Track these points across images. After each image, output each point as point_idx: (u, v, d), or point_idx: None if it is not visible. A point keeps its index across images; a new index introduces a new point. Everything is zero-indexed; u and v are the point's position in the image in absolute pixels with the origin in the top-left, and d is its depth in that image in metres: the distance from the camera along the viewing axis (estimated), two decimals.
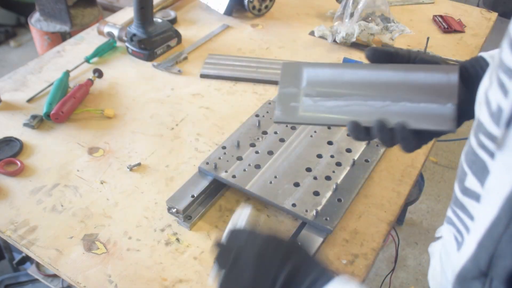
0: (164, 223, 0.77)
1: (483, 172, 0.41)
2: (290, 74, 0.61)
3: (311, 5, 1.43)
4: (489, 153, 0.40)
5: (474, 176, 0.42)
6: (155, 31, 1.14)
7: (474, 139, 0.42)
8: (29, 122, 0.95)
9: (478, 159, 0.41)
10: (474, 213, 0.43)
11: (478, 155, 0.41)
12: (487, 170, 0.40)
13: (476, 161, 0.42)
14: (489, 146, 0.39)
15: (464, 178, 0.44)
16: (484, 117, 0.40)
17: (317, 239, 0.73)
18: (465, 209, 0.45)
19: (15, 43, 2.95)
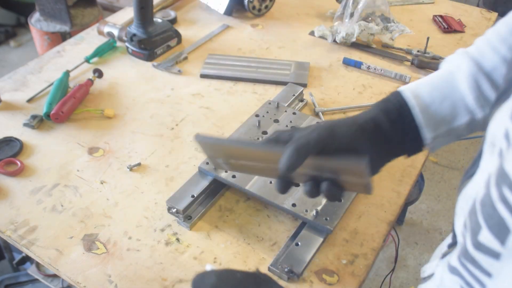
0: (164, 223, 0.77)
1: (502, 229, 0.35)
2: (207, 147, 0.66)
3: (311, 5, 1.43)
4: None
5: (490, 231, 0.37)
6: (155, 31, 1.14)
7: (496, 191, 0.36)
8: (29, 122, 0.95)
9: (496, 215, 0.36)
10: (492, 270, 0.39)
11: (497, 210, 0.36)
12: (507, 229, 0.35)
13: (494, 216, 0.36)
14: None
15: (477, 231, 0.39)
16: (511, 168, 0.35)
17: (317, 239, 0.73)
18: (479, 264, 0.40)
19: (15, 43, 2.95)
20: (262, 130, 0.90)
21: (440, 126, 0.59)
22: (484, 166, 0.45)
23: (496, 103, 0.43)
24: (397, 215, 0.81)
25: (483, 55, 0.58)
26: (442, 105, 0.58)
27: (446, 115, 0.58)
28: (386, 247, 1.83)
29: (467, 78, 0.58)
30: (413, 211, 1.99)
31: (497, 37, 0.57)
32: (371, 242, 0.75)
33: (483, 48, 0.58)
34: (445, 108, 0.58)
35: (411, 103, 0.58)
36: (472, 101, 0.57)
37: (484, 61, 0.57)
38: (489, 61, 0.57)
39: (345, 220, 0.78)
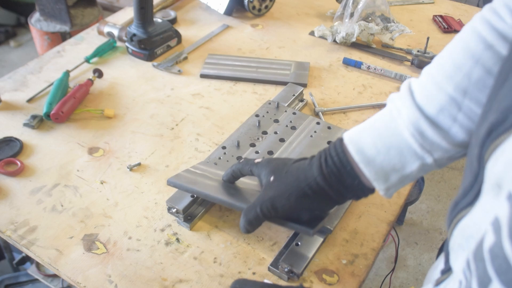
0: (164, 223, 0.77)
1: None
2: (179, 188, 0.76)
3: (311, 5, 1.43)
4: None
5: (503, 285, 0.34)
6: (155, 31, 1.14)
7: (510, 245, 0.33)
8: (29, 122, 0.95)
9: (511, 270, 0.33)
10: None
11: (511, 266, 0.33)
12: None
13: (509, 273, 0.33)
14: None
15: (487, 282, 0.36)
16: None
17: (317, 239, 0.73)
18: None
19: (15, 43, 2.95)
20: (262, 130, 0.90)
21: (390, 176, 0.56)
22: (486, 205, 0.41)
23: (490, 135, 0.39)
24: (397, 215, 0.81)
25: (428, 96, 0.54)
26: (389, 155, 0.55)
27: (395, 164, 0.55)
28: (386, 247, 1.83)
29: (407, 126, 0.54)
30: (413, 211, 1.99)
31: (442, 74, 0.53)
32: (371, 242, 0.75)
33: (428, 88, 0.54)
34: (392, 157, 0.55)
35: (356, 159, 0.56)
36: (418, 148, 0.54)
37: (429, 105, 0.53)
38: (435, 104, 0.53)
39: (345, 220, 0.78)
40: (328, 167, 0.58)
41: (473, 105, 0.51)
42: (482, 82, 0.50)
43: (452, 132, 0.53)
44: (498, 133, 0.38)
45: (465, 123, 0.52)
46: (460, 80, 0.51)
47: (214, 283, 0.69)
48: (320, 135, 0.89)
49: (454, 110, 0.52)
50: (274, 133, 0.89)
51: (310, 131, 0.90)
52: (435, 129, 0.53)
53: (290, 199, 0.60)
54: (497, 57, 0.49)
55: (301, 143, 0.87)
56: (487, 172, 0.40)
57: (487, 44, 0.50)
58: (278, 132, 0.90)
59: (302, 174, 0.60)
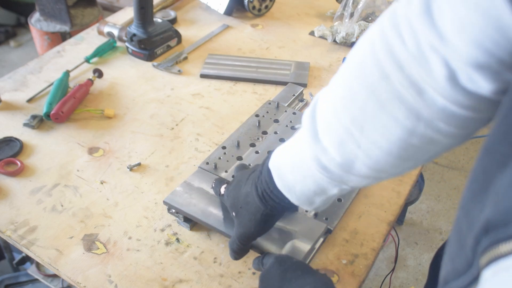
0: (164, 223, 0.77)
1: None
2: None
3: (311, 5, 1.43)
4: None
5: None
6: (155, 31, 1.14)
7: None
8: (29, 122, 0.95)
9: None
10: None
11: None
12: None
13: None
14: None
15: None
16: None
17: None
18: None
19: (15, 43, 2.95)
20: (262, 130, 0.90)
21: (314, 200, 0.55)
22: None
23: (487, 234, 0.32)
24: (397, 215, 0.81)
25: (328, 128, 0.49)
26: (306, 183, 0.53)
27: (315, 190, 0.53)
28: (386, 247, 1.83)
29: (313, 164, 0.51)
30: (413, 211, 1.99)
31: (340, 101, 0.47)
32: (371, 242, 0.75)
33: (328, 117, 0.49)
34: (310, 185, 0.53)
35: (279, 186, 0.56)
36: (330, 180, 0.51)
37: (329, 139, 0.48)
38: (335, 137, 0.48)
39: (345, 220, 0.78)
40: (264, 194, 0.58)
41: (371, 145, 0.46)
42: (377, 119, 0.44)
43: (356, 167, 0.48)
44: (498, 238, 0.31)
45: (368, 162, 0.47)
46: (356, 113, 0.45)
47: (214, 283, 0.69)
48: None
49: (353, 145, 0.46)
50: (274, 133, 0.89)
51: None
52: (336, 164, 0.49)
53: (253, 229, 0.62)
54: (391, 90, 0.42)
55: None
56: (484, 282, 0.32)
57: (382, 73, 0.43)
58: (278, 132, 0.90)
59: (252, 205, 0.60)
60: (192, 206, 0.74)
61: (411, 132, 0.43)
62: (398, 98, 0.42)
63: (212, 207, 0.75)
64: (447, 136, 0.43)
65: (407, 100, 0.42)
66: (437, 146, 0.45)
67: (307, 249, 0.69)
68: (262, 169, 0.58)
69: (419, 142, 0.44)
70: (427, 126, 0.42)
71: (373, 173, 0.48)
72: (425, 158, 0.47)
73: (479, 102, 0.39)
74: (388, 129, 0.44)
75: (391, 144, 0.44)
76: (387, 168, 0.47)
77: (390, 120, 0.43)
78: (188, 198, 0.75)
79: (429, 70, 0.39)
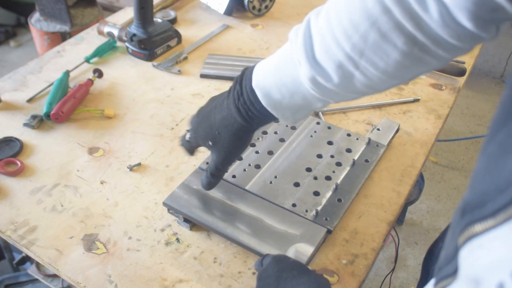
0: (164, 223, 0.77)
1: None
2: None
3: (311, 5, 1.43)
4: None
5: None
6: (155, 31, 1.14)
7: None
8: (29, 122, 0.95)
9: None
10: None
11: None
12: None
13: None
14: None
15: None
16: None
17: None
18: None
19: (15, 43, 2.95)
20: (262, 130, 0.90)
21: (297, 113, 0.61)
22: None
23: (464, 216, 0.35)
24: (397, 215, 0.81)
25: (327, 51, 0.53)
26: (293, 99, 0.58)
27: (300, 105, 0.59)
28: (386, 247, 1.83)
29: (307, 81, 0.56)
30: (413, 211, 1.99)
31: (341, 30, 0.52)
32: (371, 242, 0.75)
33: (328, 41, 0.53)
34: (296, 100, 0.59)
35: (264, 103, 0.60)
36: (319, 95, 0.57)
37: (327, 61, 0.54)
38: (333, 60, 0.53)
39: (345, 220, 0.78)
40: (248, 113, 0.62)
41: (369, 67, 0.52)
42: (377, 46, 0.50)
43: (351, 85, 0.55)
44: (473, 218, 0.34)
45: (362, 80, 0.54)
46: (357, 41, 0.51)
47: (214, 283, 0.69)
48: (320, 135, 0.89)
49: (352, 67, 0.53)
50: (274, 133, 0.89)
51: (310, 131, 0.90)
52: (332, 84, 0.54)
53: (235, 149, 0.67)
54: (393, 22, 0.49)
55: (301, 143, 0.87)
56: (461, 261, 0.36)
57: (384, 8, 0.49)
58: (278, 132, 0.89)
59: (233, 126, 0.64)
60: (191, 207, 0.74)
61: (406, 55, 0.50)
62: (398, 28, 0.49)
63: (211, 207, 0.75)
64: (435, 58, 0.51)
65: (406, 29, 0.48)
66: (424, 66, 0.53)
67: (310, 253, 0.69)
68: (242, 91, 0.61)
69: (411, 63, 0.51)
70: (420, 49, 0.50)
71: (364, 89, 0.55)
72: (411, 77, 0.55)
73: (463, 33, 0.48)
74: (386, 53, 0.51)
75: (387, 65, 0.51)
76: (376, 85, 0.55)
77: (389, 46, 0.50)
78: (187, 199, 0.76)
79: (425, 5, 0.47)
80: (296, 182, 0.80)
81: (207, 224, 0.73)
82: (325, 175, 0.82)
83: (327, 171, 0.83)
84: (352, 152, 0.87)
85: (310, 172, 0.82)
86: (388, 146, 0.91)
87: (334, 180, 0.81)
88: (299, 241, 0.70)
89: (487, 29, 0.48)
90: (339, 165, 0.84)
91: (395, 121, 0.97)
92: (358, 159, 0.85)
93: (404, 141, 0.95)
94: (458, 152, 2.28)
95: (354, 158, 0.85)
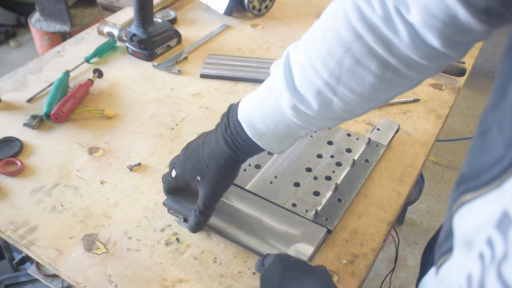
0: (164, 223, 0.77)
1: None
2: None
3: (311, 5, 1.43)
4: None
5: None
6: (155, 31, 1.14)
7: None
8: (29, 122, 0.95)
9: None
10: None
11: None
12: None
13: None
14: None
15: None
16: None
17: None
18: None
19: (15, 43, 2.95)
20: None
21: (282, 143, 0.63)
22: (460, 260, 0.41)
23: (458, 187, 0.39)
24: (397, 215, 0.81)
25: (306, 80, 0.55)
26: (277, 129, 0.60)
27: (285, 134, 0.61)
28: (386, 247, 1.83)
29: (288, 110, 0.58)
30: (413, 211, 1.99)
31: (318, 57, 0.54)
32: (371, 242, 0.75)
33: (306, 70, 0.55)
34: (280, 130, 0.60)
35: (250, 134, 0.61)
36: (301, 123, 0.59)
37: (307, 89, 0.56)
38: (313, 88, 0.55)
39: (345, 220, 0.78)
40: (235, 143, 0.63)
41: (346, 91, 0.54)
42: (352, 71, 0.53)
43: (330, 111, 0.57)
44: (467, 188, 0.38)
45: (340, 105, 0.56)
46: (333, 67, 0.53)
47: (214, 283, 0.69)
48: (320, 135, 0.89)
49: (330, 94, 0.55)
50: None
51: None
52: (313, 111, 0.57)
53: (224, 182, 0.68)
54: (366, 48, 0.51)
55: (301, 143, 0.87)
56: (455, 227, 0.40)
57: (357, 35, 0.51)
58: None
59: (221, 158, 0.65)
60: (192, 207, 0.74)
61: (380, 78, 0.52)
62: (371, 53, 0.51)
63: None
64: (407, 80, 0.54)
65: (379, 54, 0.51)
66: (398, 88, 0.55)
67: (310, 253, 0.69)
68: (229, 122, 0.63)
69: (386, 85, 0.54)
70: (393, 73, 0.52)
71: (343, 114, 0.58)
72: (387, 99, 0.57)
73: (431, 53, 0.50)
74: (361, 78, 0.53)
75: (364, 89, 0.54)
76: (354, 109, 0.57)
77: (364, 70, 0.52)
78: (188, 199, 0.76)
79: (395, 29, 0.49)
80: (296, 182, 0.80)
81: (207, 224, 0.73)
82: (325, 175, 0.82)
83: (327, 171, 0.83)
84: (352, 152, 0.87)
85: (310, 172, 0.82)
86: (388, 146, 0.91)
87: (334, 180, 0.81)
88: (299, 241, 0.70)
89: (455, 48, 0.50)
90: (339, 165, 0.84)
91: (395, 121, 0.97)
92: (358, 159, 0.85)
93: (404, 141, 0.95)
94: (458, 152, 2.28)
95: (354, 158, 0.85)
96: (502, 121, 0.35)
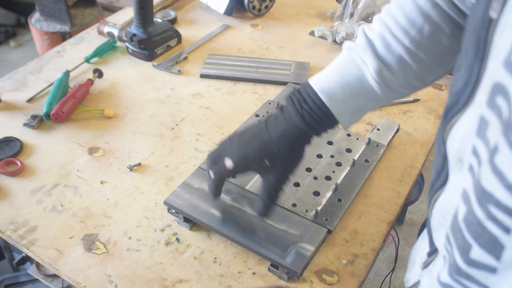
0: (164, 223, 0.77)
1: (496, 246, 0.36)
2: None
3: (311, 5, 1.43)
4: (503, 228, 0.35)
5: (482, 249, 0.38)
6: (155, 31, 1.14)
7: (481, 210, 0.37)
8: (29, 122, 0.95)
9: (487, 233, 0.36)
10: (489, 283, 0.40)
11: (486, 228, 0.36)
12: (501, 245, 0.36)
13: (484, 235, 0.37)
14: (505, 221, 0.34)
15: (467, 249, 0.40)
16: (495, 188, 0.34)
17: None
18: (474, 279, 0.41)
19: (15, 43, 2.95)
20: None
21: (354, 115, 0.65)
22: (454, 181, 0.45)
23: (446, 117, 0.45)
24: (397, 215, 0.81)
25: (388, 48, 0.60)
26: (356, 100, 0.63)
27: (360, 106, 0.64)
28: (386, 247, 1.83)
29: (373, 76, 0.61)
30: (413, 211, 1.99)
31: (398, 27, 0.59)
32: (371, 242, 0.75)
33: (387, 39, 0.60)
34: (359, 102, 0.63)
35: (329, 106, 0.62)
36: (380, 94, 0.62)
37: (389, 56, 0.60)
38: (395, 55, 0.60)
39: (345, 220, 0.78)
40: (310, 115, 0.63)
41: (425, 56, 0.59)
42: (432, 36, 0.58)
43: (408, 78, 0.61)
44: (452, 114, 0.44)
45: (418, 71, 0.61)
46: (414, 35, 0.58)
47: (214, 283, 0.69)
48: None
49: (411, 60, 0.59)
50: None
51: None
52: (395, 77, 0.61)
53: (297, 162, 0.68)
54: (443, 14, 0.56)
55: None
56: (449, 151, 0.45)
57: (433, 2, 0.56)
58: None
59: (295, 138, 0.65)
60: (192, 207, 0.75)
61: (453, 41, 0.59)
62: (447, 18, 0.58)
63: (212, 207, 0.75)
64: None
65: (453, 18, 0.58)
66: None
67: (310, 253, 0.69)
68: (304, 99, 0.63)
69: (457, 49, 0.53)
70: None
71: (416, 82, 0.63)
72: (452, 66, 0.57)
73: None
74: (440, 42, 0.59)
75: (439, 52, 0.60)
76: (427, 76, 0.63)
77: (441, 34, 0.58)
78: (188, 198, 0.76)
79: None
80: (296, 182, 0.80)
81: (207, 224, 0.73)
82: (325, 175, 0.82)
83: (327, 171, 0.83)
84: (352, 152, 0.87)
85: (310, 172, 0.82)
86: (388, 146, 0.91)
87: (334, 180, 0.81)
88: (299, 241, 0.70)
89: None
90: (339, 165, 0.84)
91: (395, 121, 0.97)
92: (358, 159, 0.85)
93: (404, 141, 0.95)
94: None
95: (354, 158, 0.85)
96: (466, 47, 0.42)
